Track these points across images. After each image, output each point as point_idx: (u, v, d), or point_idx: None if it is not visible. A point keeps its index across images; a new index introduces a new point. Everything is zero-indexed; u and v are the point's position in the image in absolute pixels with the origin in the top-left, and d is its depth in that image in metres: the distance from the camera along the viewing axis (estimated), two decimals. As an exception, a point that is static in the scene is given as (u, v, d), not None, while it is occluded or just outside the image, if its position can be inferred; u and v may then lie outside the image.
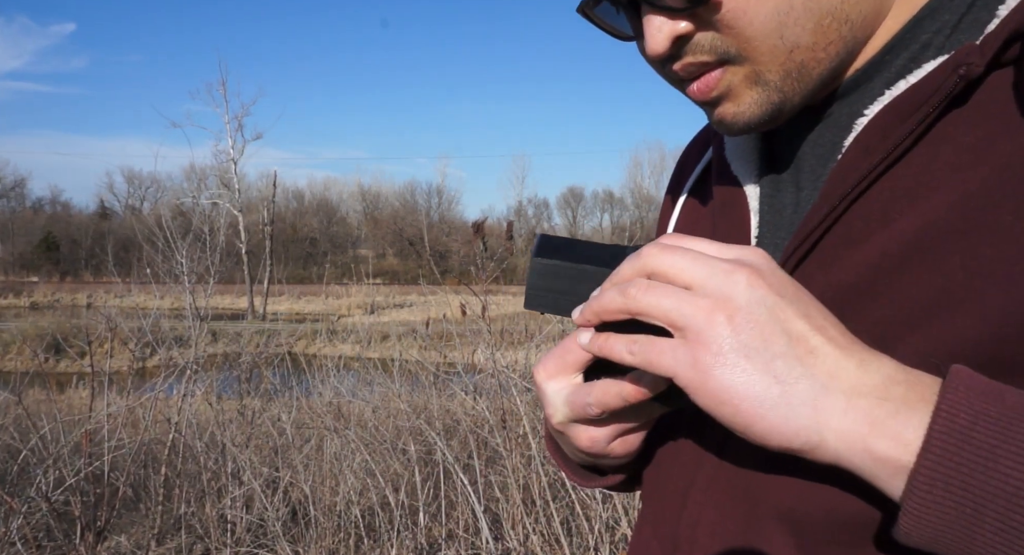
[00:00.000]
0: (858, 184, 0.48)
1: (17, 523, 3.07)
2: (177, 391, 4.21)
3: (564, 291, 0.54)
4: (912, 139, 0.47)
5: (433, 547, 3.20)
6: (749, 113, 0.52)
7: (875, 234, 0.48)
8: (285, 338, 6.65)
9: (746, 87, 0.51)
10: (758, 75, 0.50)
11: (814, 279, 0.50)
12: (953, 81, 0.45)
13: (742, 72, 0.51)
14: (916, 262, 0.45)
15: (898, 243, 0.46)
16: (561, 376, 0.54)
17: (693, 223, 0.68)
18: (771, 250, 0.57)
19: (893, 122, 0.48)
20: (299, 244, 48.36)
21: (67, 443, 3.53)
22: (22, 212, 53.11)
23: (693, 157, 0.74)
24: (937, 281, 0.44)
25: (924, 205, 0.46)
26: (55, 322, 13.30)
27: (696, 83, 0.52)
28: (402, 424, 3.99)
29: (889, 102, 0.49)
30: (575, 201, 58.43)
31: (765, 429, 0.42)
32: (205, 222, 5.87)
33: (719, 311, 0.42)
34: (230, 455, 3.76)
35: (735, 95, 0.52)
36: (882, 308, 0.47)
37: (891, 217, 0.47)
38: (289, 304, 29.31)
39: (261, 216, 35.04)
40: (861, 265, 0.48)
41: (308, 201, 54.71)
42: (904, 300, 0.46)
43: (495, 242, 4.92)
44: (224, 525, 3.48)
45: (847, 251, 0.49)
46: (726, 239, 0.58)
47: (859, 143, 0.50)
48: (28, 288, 36.13)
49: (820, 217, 0.50)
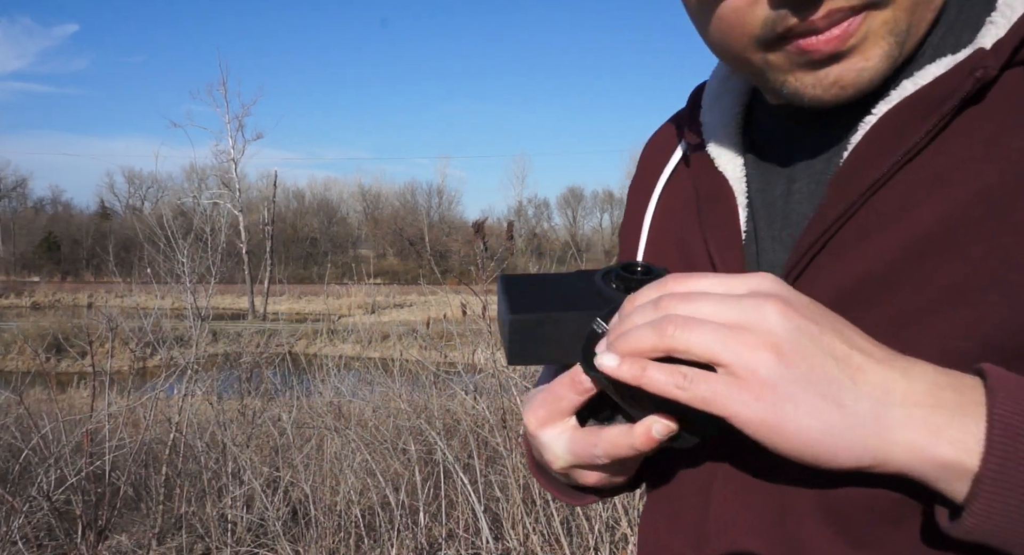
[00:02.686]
0: (877, 180, 0.49)
1: (18, 522, 3.08)
2: (178, 391, 4.21)
3: (548, 340, 0.51)
4: (929, 138, 0.48)
5: (433, 547, 3.21)
6: (874, 69, 0.49)
7: (892, 225, 0.49)
8: (285, 338, 6.65)
9: (881, 36, 0.48)
10: (895, 23, 0.48)
11: (826, 270, 0.51)
12: (970, 83, 0.46)
13: (880, 17, 0.48)
14: (938, 250, 0.46)
15: (920, 232, 0.47)
16: (554, 422, 0.52)
17: (670, 219, 0.67)
18: (768, 242, 0.57)
19: (909, 121, 0.49)
20: (299, 244, 48.35)
21: (68, 443, 3.54)
22: (23, 212, 53.13)
23: (658, 155, 0.73)
24: (960, 268, 0.45)
25: (943, 196, 0.47)
26: (56, 322, 13.30)
27: (835, 30, 0.47)
28: (402, 424, 3.99)
29: (900, 102, 0.50)
30: (575, 201, 58.42)
31: (834, 454, 0.42)
32: (206, 222, 5.87)
33: (765, 347, 0.42)
34: (231, 455, 3.77)
35: (866, 47, 0.48)
36: (905, 295, 0.47)
37: (908, 209, 0.48)
38: (289, 304, 29.29)
39: (261, 216, 35.05)
40: (881, 255, 0.49)
41: (308, 201, 54.72)
42: (927, 287, 0.47)
43: (495, 242, 4.92)
44: (225, 525, 3.49)
45: (862, 243, 0.50)
46: (715, 231, 0.59)
47: (871, 141, 0.50)
48: (29, 288, 36.13)
49: (838, 212, 0.50)
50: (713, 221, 0.60)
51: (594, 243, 51.04)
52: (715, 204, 0.61)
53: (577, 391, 0.50)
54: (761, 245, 0.58)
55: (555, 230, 54.43)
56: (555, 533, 2.97)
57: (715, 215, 0.60)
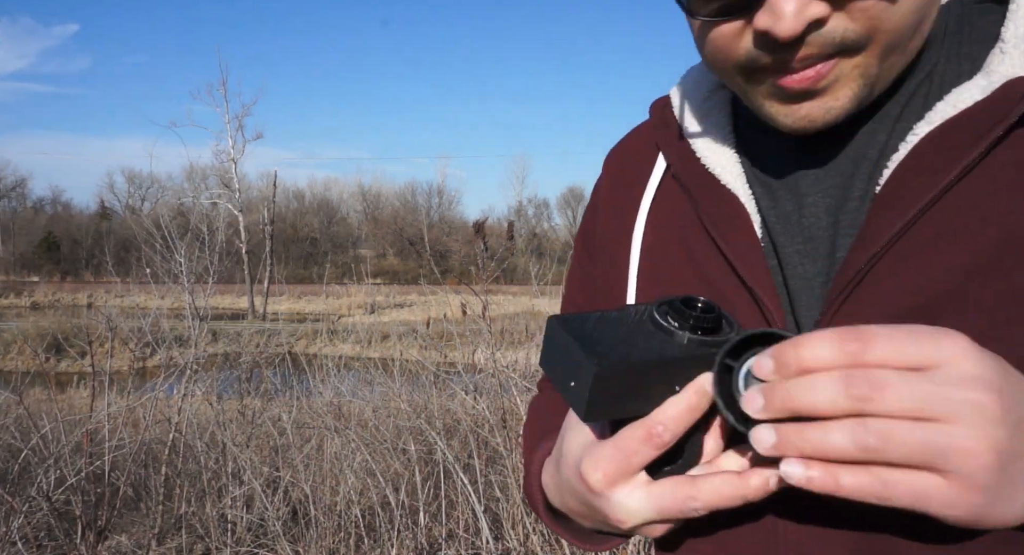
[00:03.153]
0: (932, 199, 0.50)
1: (18, 522, 3.07)
2: (177, 391, 4.21)
3: (633, 392, 0.46)
4: (980, 157, 0.50)
5: (433, 547, 3.20)
6: (840, 109, 0.52)
7: (952, 243, 0.50)
8: (285, 338, 6.65)
9: (850, 80, 0.51)
10: (866, 68, 0.51)
11: (882, 288, 0.52)
12: (1021, 109, 0.49)
13: (851, 63, 0.51)
14: (1005, 265, 0.48)
15: (984, 249, 0.49)
16: (626, 480, 0.49)
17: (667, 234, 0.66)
18: (795, 258, 0.58)
19: (957, 142, 0.51)
20: (299, 244, 48.35)
21: (68, 443, 3.53)
22: (23, 212, 53.12)
23: (632, 169, 0.72)
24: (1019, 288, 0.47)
25: (1000, 215, 0.49)
26: (56, 322, 13.29)
27: (808, 71, 0.50)
28: (402, 424, 3.99)
29: (943, 123, 0.52)
30: (575, 201, 58.40)
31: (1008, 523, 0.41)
32: (204, 222, 5.87)
33: (986, 452, 0.39)
34: (230, 455, 3.76)
35: (836, 88, 0.51)
36: (977, 310, 0.49)
37: (968, 227, 0.50)
38: (289, 304, 29.28)
39: (261, 216, 35.03)
40: (946, 272, 0.50)
41: (308, 201, 54.71)
42: (1000, 301, 0.48)
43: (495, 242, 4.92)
44: (224, 525, 3.49)
45: (920, 261, 0.51)
46: (736, 248, 0.59)
47: (917, 160, 0.52)
48: (29, 288, 36.11)
49: (894, 230, 0.51)
50: (733, 242, 0.59)
51: (594, 243, 50.92)
52: (731, 221, 0.60)
53: (655, 446, 0.47)
54: (786, 259, 0.58)
55: (555, 230, 54.43)
56: (555, 533, 2.96)
57: (733, 232, 0.60)
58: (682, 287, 0.63)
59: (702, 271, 0.62)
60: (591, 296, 0.77)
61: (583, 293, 0.78)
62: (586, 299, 0.78)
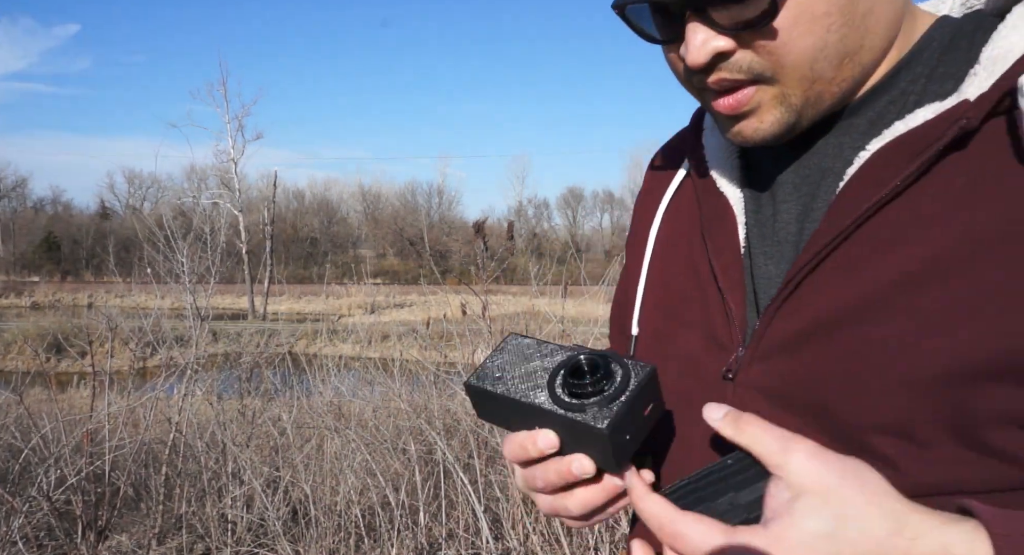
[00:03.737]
0: (865, 212, 0.54)
1: (19, 522, 3.08)
2: (178, 391, 4.21)
3: (497, 412, 0.62)
4: (916, 176, 0.53)
5: (433, 547, 3.21)
6: (769, 130, 0.58)
7: (883, 256, 0.53)
8: (285, 338, 6.65)
9: (772, 107, 0.57)
10: (784, 97, 0.56)
11: (827, 289, 0.56)
12: (954, 131, 0.52)
13: (771, 92, 0.56)
14: (924, 283, 0.51)
15: (908, 265, 0.52)
16: (517, 463, 0.64)
17: (676, 237, 0.72)
18: (761, 258, 0.63)
19: (897, 160, 0.54)
20: (299, 244, 48.34)
21: (68, 443, 3.53)
22: (23, 212, 53.11)
23: (662, 173, 0.78)
24: (952, 298, 0.50)
25: (930, 233, 0.52)
26: (56, 322, 13.29)
27: (728, 98, 0.57)
28: (402, 423, 3.99)
29: (891, 141, 0.55)
30: (575, 201, 58.43)
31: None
32: (205, 222, 5.87)
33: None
34: (231, 455, 3.76)
35: (760, 112, 0.57)
36: (893, 320, 0.52)
37: (898, 242, 0.53)
38: (289, 304, 29.26)
39: (261, 216, 35.03)
40: (873, 282, 0.53)
41: (309, 201, 54.70)
42: (913, 314, 0.51)
43: (495, 242, 4.93)
44: (225, 524, 3.49)
45: (855, 269, 0.55)
46: (718, 253, 0.65)
47: (863, 175, 0.56)
48: (29, 288, 36.10)
49: (830, 237, 0.55)
50: (717, 242, 0.65)
51: (594, 243, 51.02)
52: (720, 223, 0.66)
53: (515, 459, 0.62)
54: (755, 261, 0.63)
55: (555, 230, 54.42)
56: (555, 533, 2.97)
57: (720, 233, 0.65)
58: (679, 285, 0.69)
59: (695, 270, 0.68)
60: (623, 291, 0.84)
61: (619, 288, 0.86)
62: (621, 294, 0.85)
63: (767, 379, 0.58)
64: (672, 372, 0.67)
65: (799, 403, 0.56)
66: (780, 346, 0.58)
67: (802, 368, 0.56)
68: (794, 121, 0.57)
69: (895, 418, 0.51)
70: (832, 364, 0.54)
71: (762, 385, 0.59)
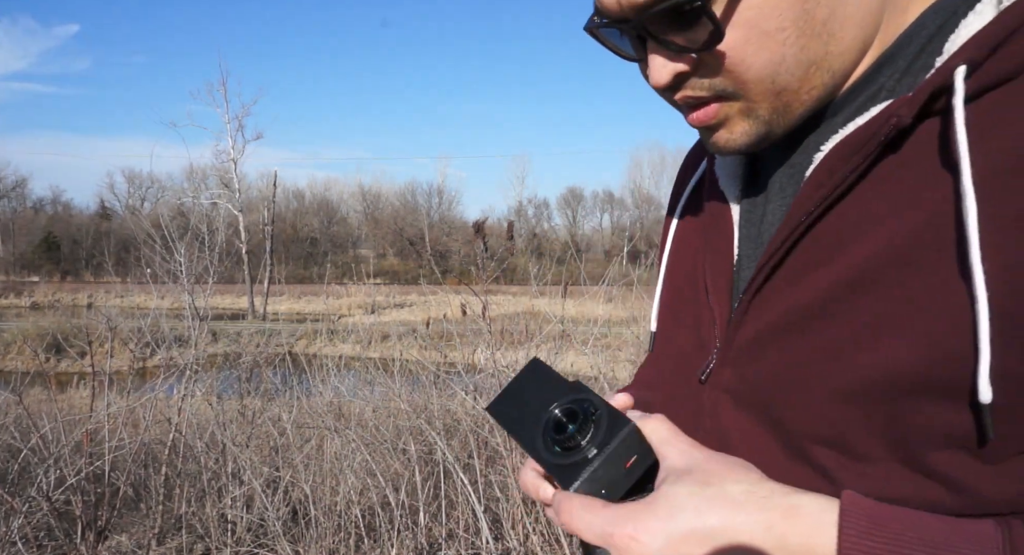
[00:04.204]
0: (811, 213, 0.54)
1: (18, 523, 3.07)
2: (177, 391, 4.21)
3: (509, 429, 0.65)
4: (855, 177, 0.52)
5: (433, 547, 3.20)
6: (740, 140, 0.58)
7: (833, 259, 0.53)
8: (285, 338, 6.64)
9: (739, 119, 0.57)
10: (750, 110, 0.56)
11: (782, 294, 0.56)
12: (887, 130, 0.50)
13: (736, 106, 0.56)
14: (862, 290, 0.50)
15: (848, 271, 0.51)
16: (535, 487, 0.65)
17: (686, 238, 0.73)
18: (745, 261, 0.63)
19: (837, 161, 0.54)
20: (299, 244, 48.33)
21: (68, 443, 3.53)
22: (23, 212, 53.09)
23: (690, 169, 0.78)
24: (880, 308, 0.49)
25: (869, 239, 0.51)
26: (56, 322, 13.28)
27: (695, 113, 0.58)
28: (402, 424, 3.99)
29: (840, 141, 0.55)
30: (575, 201, 58.41)
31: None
32: (204, 222, 5.87)
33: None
34: (230, 455, 3.76)
35: (729, 124, 0.58)
36: (836, 328, 0.51)
37: (844, 245, 0.53)
38: (289, 304, 29.25)
39: (261, 216, 35.02)
40: (818, 288, 0.53)
41: (308, 201, 54.68)
42: (854, 323, 0.50)
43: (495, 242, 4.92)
44: (224, 525, 3.48)
45: (809, 273, 0.54)
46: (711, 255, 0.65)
47: (815, 175, 0.56)
48: (29, 288, 36.08)
49: (783, 236, 0.55)
50: (714, 243, 0.66)
51: (594, 243, 51.02)
52: (719, 224, 0.66)
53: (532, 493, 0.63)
54: (740, 264, 0.63)
55: (555, 230, 54.41)
56: (555, 533, 2.97)
57: (718, 236, 0.66)
58: (683, 284, 0.70)
59: (695, 270, 0.68)
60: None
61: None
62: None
63: (732, 382, 0.59)
64: (667, 371, 0.69)
65: (757, 407, 0.57)
66: (743, 350, 0.58)
67: (758, 373, 0.57)
68: (765, 131, 0.57)
69: (831, 429, 0.51)
70: (781, 370, 0.55)
71: (729, 387, 0.59)
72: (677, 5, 0.51)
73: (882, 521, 0.44)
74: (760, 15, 0.51)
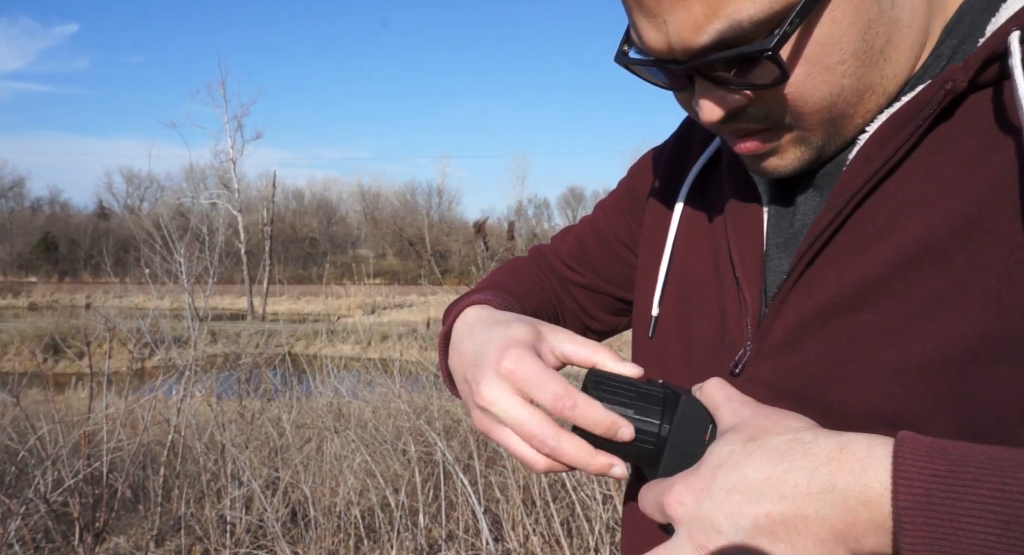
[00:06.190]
0: (861, 188, 0.53)
1: (15, 524, 3.06)
2: (176, 392, 4.20)
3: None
4: (907, 148, 0.52)
5: (433, 548, 3.19)
6: (791, 166, 0.58)
7: (884, 236, 0.52)
8: (285, 338, 6.64)
9: (792, 147, 0.56)
10: (803, 138, 0.56)
11: (828, 277, 0.55)
12: (941, 95, 0.50)
13: (789, 136, 0.56)
14: (926, 261, 0.50)
15: (908, 244, 0.51)
16: (515, 392, 0.58)
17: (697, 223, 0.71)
18: (774, 250, 0.61)
19: (890, 134, 0.53)
20: (299, 244, 48.35)
21: (66, 444, 3.52)
22: (21, 212, 53.04)
23: (698, 139, 0.76)
24: (947, 276, 0.49)
25: (929, 210, 0.50)
26: (54, 322, 13.29)
27: (747, 142, 0.57)
28: (402, 424, 3.98)
29: (887, 118, 0.54)
30: (575, 201, 58.43)
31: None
32: (204, 222, 5.86)
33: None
34: (230, 456, 3.75)
35: (781, 152, 0.57)
36: (896, 301, 0.51)
37: (899, 221, 0.52)
38: (289, 304, 29.27)
39: (261, 216, 35.01)
40: (875, 263, 0.52)
41: (308, 201, 54.68)
42: (916, 294, 0.50)
43: (496, 242, 4.91)
44: (224, 526, 3.47)
45: (859, 251, 0.53)
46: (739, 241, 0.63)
47: (861, 153, 0.55)
48: (26, 288, 36.07)
49: (829, 219, 0.54)
50: (739, 231, 0.64)
51: (593, 243, 50.89)
52: (743, 212, 0.65)
53: (553, 406, 0.56)
54: (768, 252, 0.62)
55: (555, 230, 54.29)
56: (555, 534, 2.96)
57: (742, 224, 0.64)
58: (699, 270, 0.69)
59: (716, 257, 0.67)
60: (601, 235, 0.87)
61: (593, 229, 0.89)
62: (596, 234, 0.88)
63: (770, 375, 0.58)
64: (682, 361, 0.68)
65: (798, 397, 0.55)
66: (782, 340, 0.57)
67: (802, 361, 0.56)
68: (815, 157, 0.57)
69: (890, 406, 0.50)
70: (833, 352, 0.54)
71: (766, 381, 0.58)
72: (746, 55, 0.49)
73: (942, 446, 0.42)
74: (823, 51, 0.50)
